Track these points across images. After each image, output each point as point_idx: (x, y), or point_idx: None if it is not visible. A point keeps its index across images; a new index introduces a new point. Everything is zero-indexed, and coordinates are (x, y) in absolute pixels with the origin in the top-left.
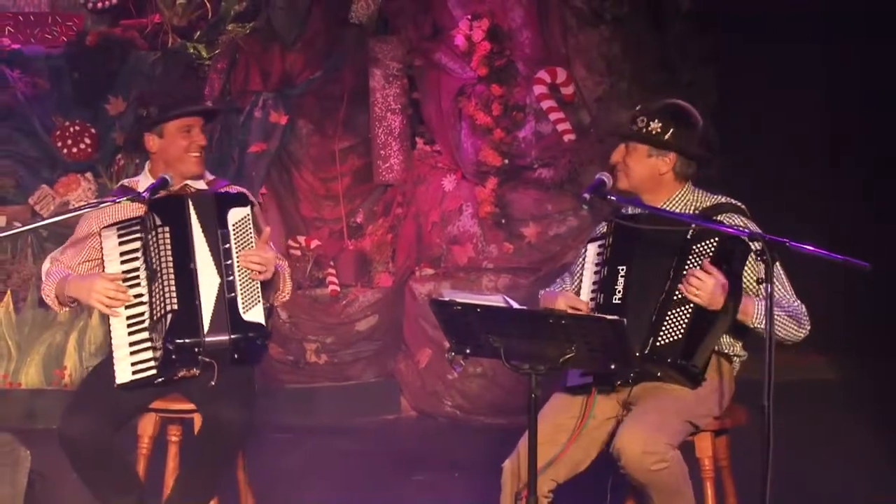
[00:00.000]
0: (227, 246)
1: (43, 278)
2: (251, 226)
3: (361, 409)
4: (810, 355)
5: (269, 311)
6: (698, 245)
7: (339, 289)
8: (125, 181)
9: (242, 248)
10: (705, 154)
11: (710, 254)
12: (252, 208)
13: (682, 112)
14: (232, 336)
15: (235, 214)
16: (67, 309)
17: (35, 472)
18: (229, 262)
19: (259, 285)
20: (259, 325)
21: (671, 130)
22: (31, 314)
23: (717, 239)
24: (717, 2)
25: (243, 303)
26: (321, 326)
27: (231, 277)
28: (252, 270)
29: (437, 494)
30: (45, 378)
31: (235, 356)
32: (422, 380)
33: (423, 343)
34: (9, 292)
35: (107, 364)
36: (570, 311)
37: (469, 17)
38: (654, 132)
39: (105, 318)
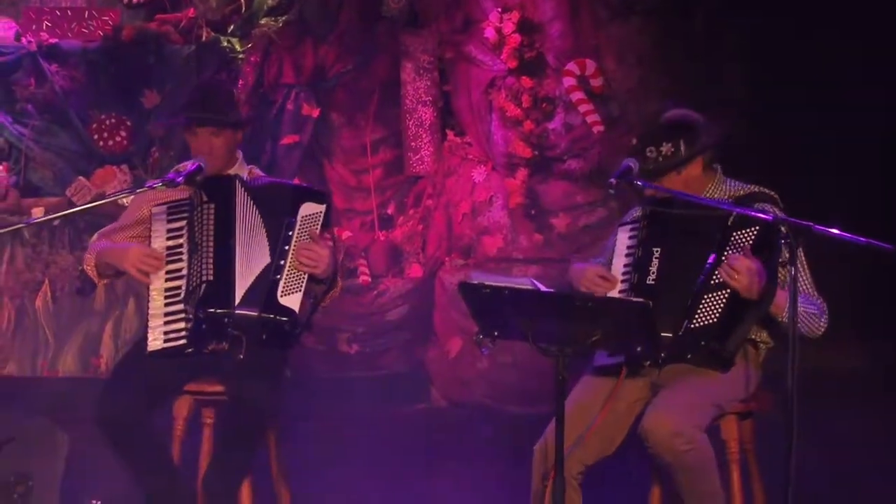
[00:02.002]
0: (290, 234)
1: (88, 251)
2: (319, 223)
3: (392, 398)
4: (840, 342)
5: (314, 307)
6: (738, 233)
7: (370, 279)
8: (179, 165)
9: (302, 240)
10: (721, 137)
11: (750, 242)
12: (327, 208)
13: (679, 120)
14: (262, 314)
15: (308, 208)
16: (107, 281)
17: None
18: (286, 248)
19: (306, 277)
20: (291, 311)
21: (682, 143)
22: (69, 303)
23: (757, 228)
24: None
25: (283, 287)
26: (353, 316)
27: (282, 262)
28: (301, 262)
29: (468, 483)
30: (81, 366)
31: (264, 336)
32: (452, 369)
33: (454, 333)
34: (46, 282)
35: (139, 344)
36: (599, 279)
37: (499, 9)
38: (668, 154)
39: (141, 308)
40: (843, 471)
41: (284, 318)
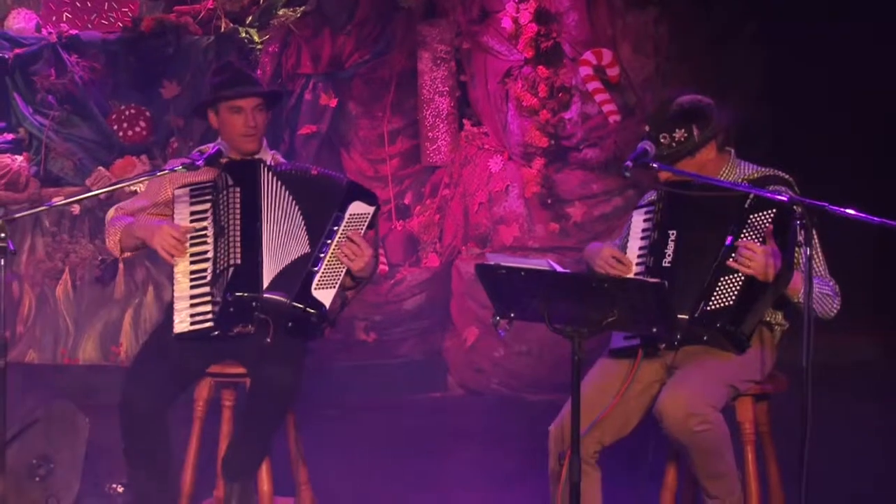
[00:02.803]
0: (335, 228)
1: (106, 226)
2: (366, 224)
3: (409, 386)
4: (858, 335)
5: (343, 306)
6: (755, 215)
7: (387, 268)
8: (201, 147)
9: (345, 236)
10: (733, 119)
11: (767, 224)
12: (376, 211)
13: (690, 105)
14: (292, 302)
15: (357, 207)
16: (128, 254)
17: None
18: (328, 241)
19: (342, 274)
20: (321, 305)
21: (694, 128)
22: (89, 291)
23: (774, 210)
24: None
25: (319, 280)
26: (370, 305)
27: (321, 255)
28: (343, 254)
29: (485, 470)
30: (101, 354)
31: (290, 324)
32: (468, 358)
33: (470, 321)
34: (67, 270)
35: (161, 330)
36: (613, 260)
37: (516, 0)
38: (682, 140)
39: (160, 296)
40: (856, 453)
41: (313, 311)
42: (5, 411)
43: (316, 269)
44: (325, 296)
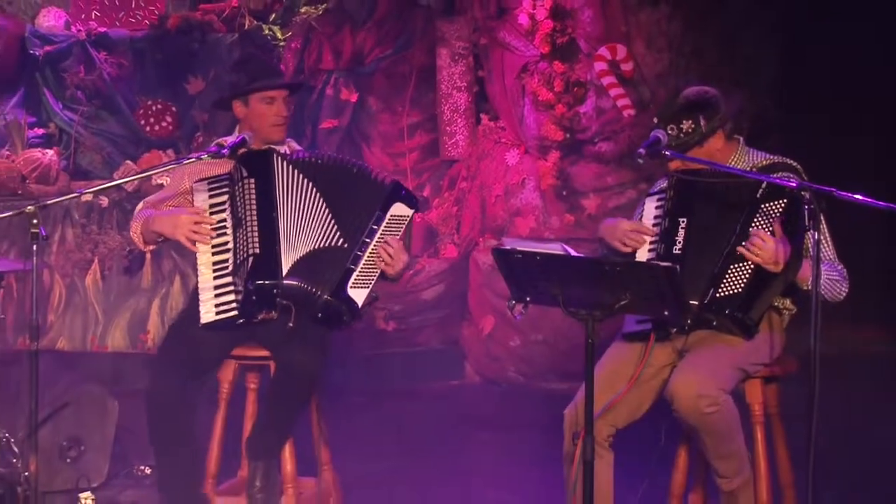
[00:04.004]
0: (375, 228)
1: (133, 219)
2: (405, 225)
3: (427, 374)
4: (866, 328)
5: (370, 302)
6: (767, 204)
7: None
8: (219, 140)
9: (385, 237)
10: (736, 108)
11: (778, 214)
12: (414, 213)
13: (697, 97)
14: (327, 297)
15: (399, 209)
16: (153, 247)
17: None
18: (368, 240)
19: (377, 275)
20: (355, 303)
21: (701, 118)
22: (117, 281)
23: (785, 200)
24: None
25: (356, 280)
26: (390, 295)
27: (359, 253)
28: (382, 257)
29: (501, 455)
30: (129, 342)
31: (319, 315)
32: (485, 346)
33: (487, 311)
34: (96, 261)
35: (186, 317)
36: (634, 234)
37: None
38: (689, 130)
39: (186, 286)
40: (863, 436)
41: (344, 309)
42: (37, 395)
43: (354, 267)
44: (358, 295)
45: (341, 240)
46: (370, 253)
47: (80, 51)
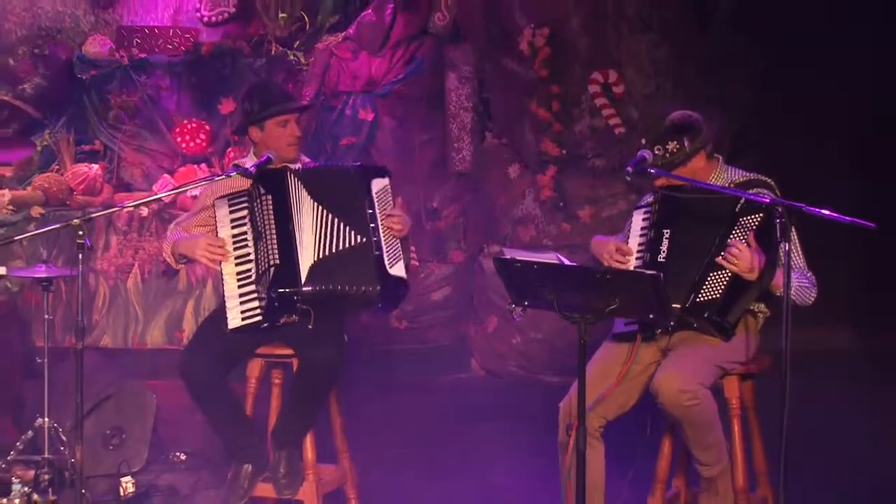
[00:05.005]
0: (371, 211)
1: (165, 239)
2: (390, 193)
3: (437, 368)
4: (836, 328)
5: (408, 267)
6: (745, 218)
7: (417, 263)
8: (237, 161)
9: (384, 212)
10: (717, 130)
11: (755, 227)
12: (390, 179)
13: (681, 120)
14: (380, 287)
15: (377, 184)
16: (183, 265)
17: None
18: (374, 225)
19: (400, 244)
20: (402, 279)
21: (686, 140)
22: (156, 283)
23: (761, 214)
24: (756, 6)
25: (388, 261)
26: None
27: (375, 238)
28: (393, 230)
29: (503, 441)
30: (166, 338)
31: (379, 305)
32: (489, 343)
33: (491, 311)
34: (136, 265)
35: (218, 314)
36: (617, 252)
37: (532, 26)
38: (674, 151)
39: (217, 288)
40: (831, 427)
41: (397, 288)
42: (82, 389)
43: (380, 252)
44: (399, 270)
45: (358, 236)
46: (383, 232)
47: (122, 75)
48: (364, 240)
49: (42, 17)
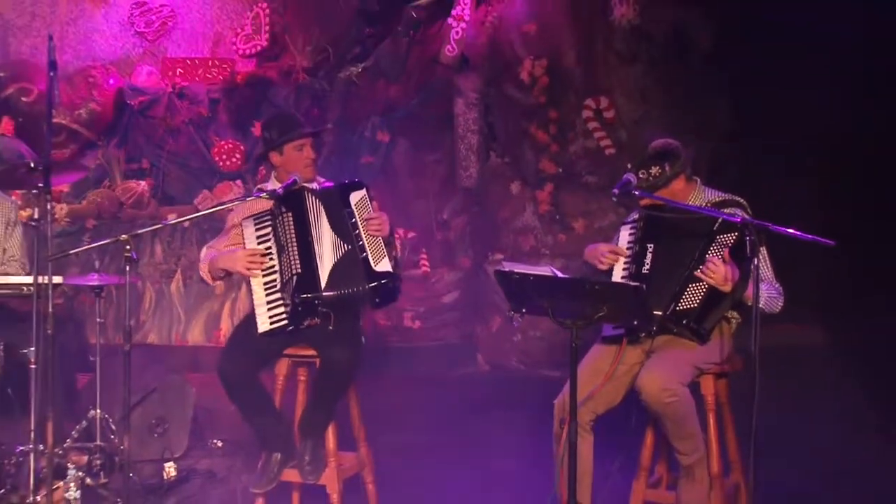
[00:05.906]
0: (353, 220)
1: (200, 261)
2: (368, 201)
3: (446, 364)
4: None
5: (396, 262)
6: (721, 235)
7: (429, 269)
8: (259, 185)
9: (363, 218)
10: (699, 155)
11: (730, 244)
12: (367, 189)
13: (663, 148)
14: (370, 285)
15: (355, 196)
16: (219, 282)
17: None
18: (356, 232)
19: (382, 243)
20: (388, 272)
21: (667, 165)
22: (196, 287)
23: (736, 233)
24: (732, 42)
25: (373, 259)
26: (416, 299)
27: (360, 243)
28: (372, 231)
29: (506, 430)
30: (206, 337)
31: (377, 300)
32: (494, 341)
33: (495, 313)
34: (179, 271)
35: (250, 319)
36: (609, 254)
37: (532, 57)
38: (657, 175)
39: (250, 292)
40: (797, 420)
41: (385, 281)
42: (130, 384)
43: (365, 253)
44: (384, 265)
45: (346, 245)
46: (365, 236)
47: (167, 100)
48: (350, 246)
49: (96, 49)
